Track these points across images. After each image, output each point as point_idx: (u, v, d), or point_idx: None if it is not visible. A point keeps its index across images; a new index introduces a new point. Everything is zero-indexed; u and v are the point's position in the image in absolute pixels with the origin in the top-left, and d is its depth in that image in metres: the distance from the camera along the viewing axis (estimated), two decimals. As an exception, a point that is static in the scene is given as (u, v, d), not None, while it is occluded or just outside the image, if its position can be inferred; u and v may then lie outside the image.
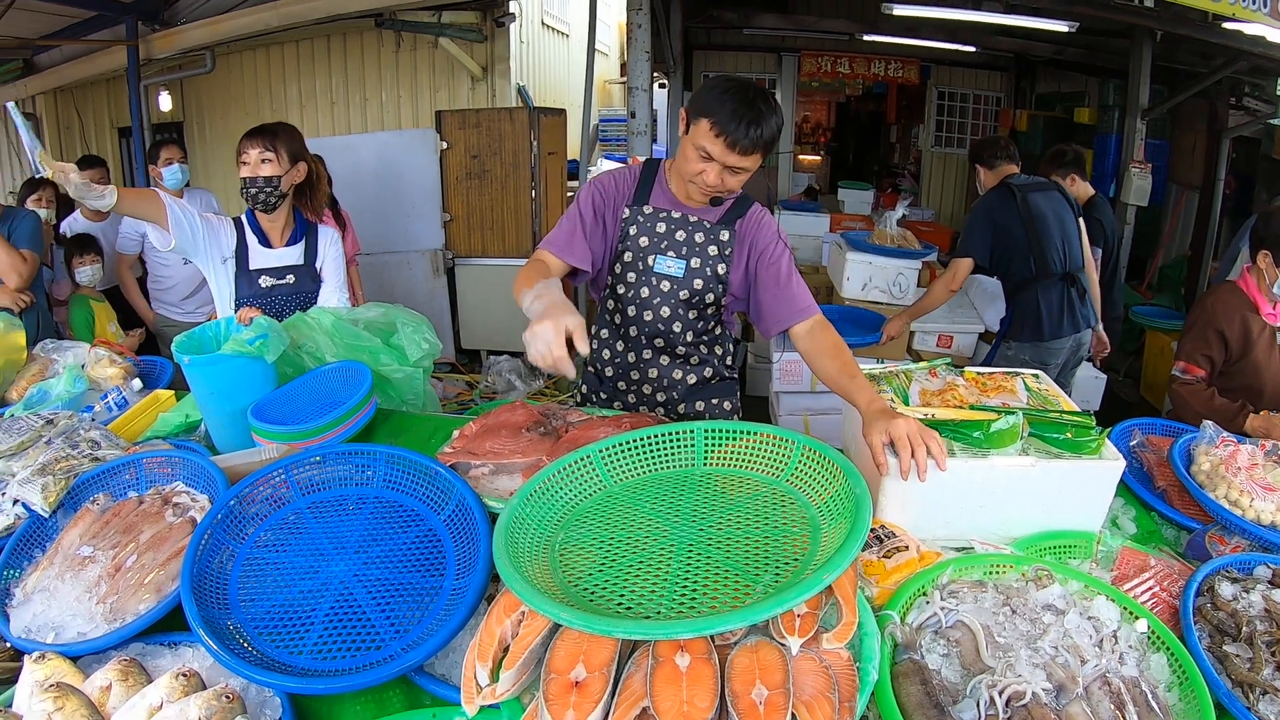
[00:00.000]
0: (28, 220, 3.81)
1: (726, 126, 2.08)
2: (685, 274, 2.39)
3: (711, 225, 2.38)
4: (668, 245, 2.39)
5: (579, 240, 2.36)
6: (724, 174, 2.18)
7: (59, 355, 2.87)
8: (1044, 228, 4.12)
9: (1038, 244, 4.09)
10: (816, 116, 13.05)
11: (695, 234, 2.38)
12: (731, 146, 2.10)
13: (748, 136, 2.08)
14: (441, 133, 6.37)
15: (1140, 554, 1.69)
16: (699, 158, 2.17)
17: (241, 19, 6.29)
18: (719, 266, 2.39)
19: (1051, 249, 4.10)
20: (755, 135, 2.09)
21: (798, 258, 6.71)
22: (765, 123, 2.09)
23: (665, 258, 2.39)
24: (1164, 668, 1.37)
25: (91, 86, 8.03)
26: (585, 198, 2.41)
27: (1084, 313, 4.16)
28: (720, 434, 1.74)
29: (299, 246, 2.85)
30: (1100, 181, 7.87)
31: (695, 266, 2.38)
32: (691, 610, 1.23)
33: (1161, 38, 6.75)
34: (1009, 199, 4.18)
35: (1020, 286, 4.17)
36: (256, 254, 2.74)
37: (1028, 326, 4.15)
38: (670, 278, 2.40)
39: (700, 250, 2.38)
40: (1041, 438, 1.71)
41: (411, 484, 1.80)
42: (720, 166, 2.16)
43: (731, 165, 2.15)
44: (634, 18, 5.48)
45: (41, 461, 1.93)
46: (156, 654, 1.48)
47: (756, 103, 2.09)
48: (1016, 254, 4.13)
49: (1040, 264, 4.08)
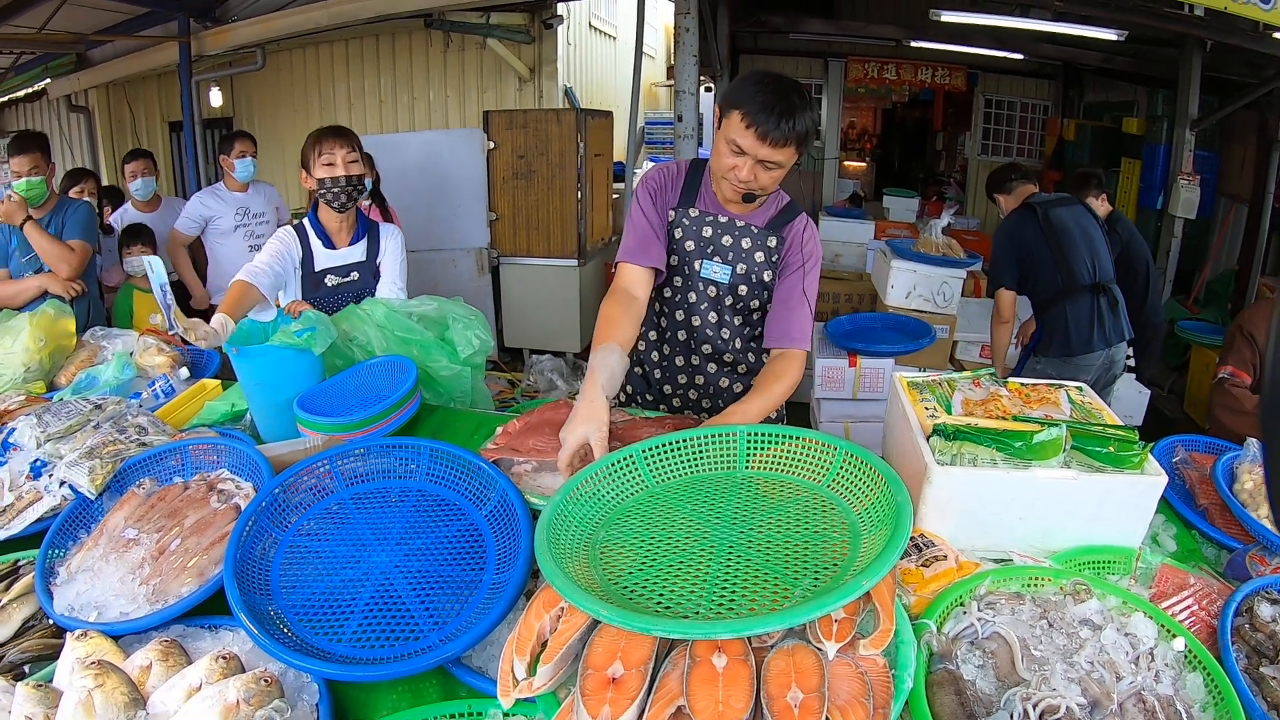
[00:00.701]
0: (80, 210, 3.88)
1: (757, 118, 2.03)
2: (731, 279, 2.36)
3: (759, 230, 2.34)
4: (714, 250, 2.35)
5: (653, 242, 2.34)
6: (756, 168, 2.12)
7: (108, 342, 2.93)
8: (1069, 240, 4.11)
9: (1063, 256, 4.07)
10: (862, 123, 12.99)
11: (742, 239, 2.34)
12: (763, 138, 2.05)
13: (779, 128, 2.03)
14: (489, 133, 6.41)
15: (1180, 572, 1.66)
16: (731, 152, 2.12)
17: (292, 17, 6.38)
18: (765, 273, 2.36)
19: (1078, 260, 4.08)
20: (787, 127, 2.04)
21: (841, 264, 6.74)
22: (799, 115, 2.04)
23: (711, 263, 2.36)
24: (1200, 688, 1.35)
25: (143, 81, 8.17)
26: (644, 196, 2.38)
27: (1117, 326, 4.11)
28: (763, 437, 1.74)
29: (362, 244, 2.90)
30: (1148, 193, 7.77)
31: (741, 273, 2.35)
32: (730, 611, 1.24)
33: (1212, 47, 6.65)
34: (1029, 217, 4.19)
35: (1048, 301, 4.15)
36: (320, 256, 2.78)
37: (1055, 341, 4.12)
38: (716, 283, 2.38)
39: (747, 256, 2.34)
40: (1084, 451, 1.69)
41: (454, 478, 1.82)
42: (752, 161, 2.10)
43: (764, 159, 2.09)
44: (681, 21, 5.49)
45: (89, 445, 1.97)
46: (197, 636, 1.50)
47: (789, 94, 2.04)
48: (1042, 269, 4.12)
49: (1067, 276, 4.06)
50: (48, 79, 8.00)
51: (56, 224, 3.77)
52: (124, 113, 8.37)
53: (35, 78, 8.03)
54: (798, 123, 2.04)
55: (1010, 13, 6.68)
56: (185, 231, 5.06)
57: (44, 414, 2.10)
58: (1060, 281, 4.07)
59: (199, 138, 6.82)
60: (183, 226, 5.05)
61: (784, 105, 2.02)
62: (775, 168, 2.14)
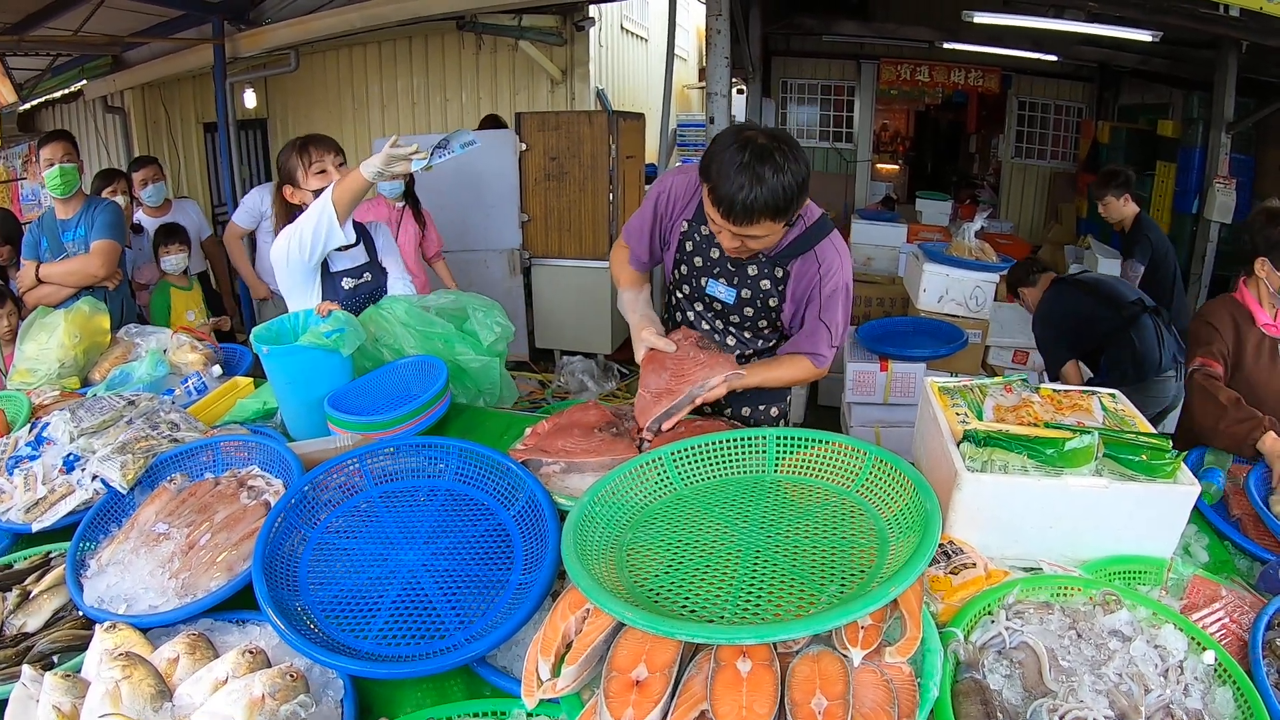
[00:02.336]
0: (108, 210, 3.91)
1: (722, 198, 1.92)
2: (736, 302, 2.35)
3: (767, 259, 2.26)
4: (720, 271, 2.33)
5: (645, 238, 2.40)
6: (739, 238, 2.02)
7: (141, 339, 2.97)
8: (1104, 283, 4.13)
9: (1107, 296, 4.05)
10: (895, 125, 12.88)
11: (749, 266, 2.28)
12: (729, 218, 1.94)
13: (743, 207, 1.90)
14: (521, 134, 6.42)
15: (1211, 583, 1.64)
16: (713, 221, 2.04)
17: (326, 19, 6.41)
18: (770, 299, 2.32)
19: (1123, 289, 4.10)
20: (751, 202, 1.88)
21: (873, 268, 6.70)
22: (765, 186, 1.87)
23: (717, 283, 2.34)
24: (1229, 702, 1.32)
25: (178, 83, 8.24)
26: (654, 196, 2.38)
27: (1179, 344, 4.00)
28: (792, 441, 1.74)
29: (361, 245, 2.91)
30: (1183, 197, 7.65)
31: (746, 297, 2.33)
32: (755, 616, 1.24)
33: (1248, 49, 6.54)
34: (1060, 288, 4.20)
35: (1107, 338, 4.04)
36: (334, 258, 2.79)
37: (1125, 375, 3.97)
38: (721, 301, 2.37)
39: (752, 282, 2.30)
40: (1116, 459, 1.67)
41: (482, 478, 1.83)
42: (731, 233, 2.01)
43: (740, 234, 2.00)
44: (713, 23, 5.48)
45: (121, 440, 2.01)
46: (224, 630, 1.53)
47: (756, 165, 1.88)
48: (1096, 321, 4.05)
49: (1115, 309, 4.01)
50: (84, 80, 8.09)
51: (86, 223, 3.80)
52: (159, 114, 8.44)
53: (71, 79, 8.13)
54: (764, 194, 1.89)
55: (1044, 14, 6.62)
56: (244, 225, 5.14)
57: (78, 409, 2.14)
58: (1117, 316, 3.99)
59: (233, 139, 6.87)
60: (241, 220, 5.13)
61: (747, 177, 1.88)
62: (759, 237, 2.03)
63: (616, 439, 1.96)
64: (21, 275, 3.76)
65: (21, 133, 8.91)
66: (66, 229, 3.81)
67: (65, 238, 3.80)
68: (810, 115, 11.33)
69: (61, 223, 3.82)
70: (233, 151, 6.82)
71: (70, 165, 3.74)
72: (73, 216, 3.82)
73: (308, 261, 2.54)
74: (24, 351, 2.79)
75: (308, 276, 2.63)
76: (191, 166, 8.84)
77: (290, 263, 2.56)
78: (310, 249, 2.51)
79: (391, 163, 2.40)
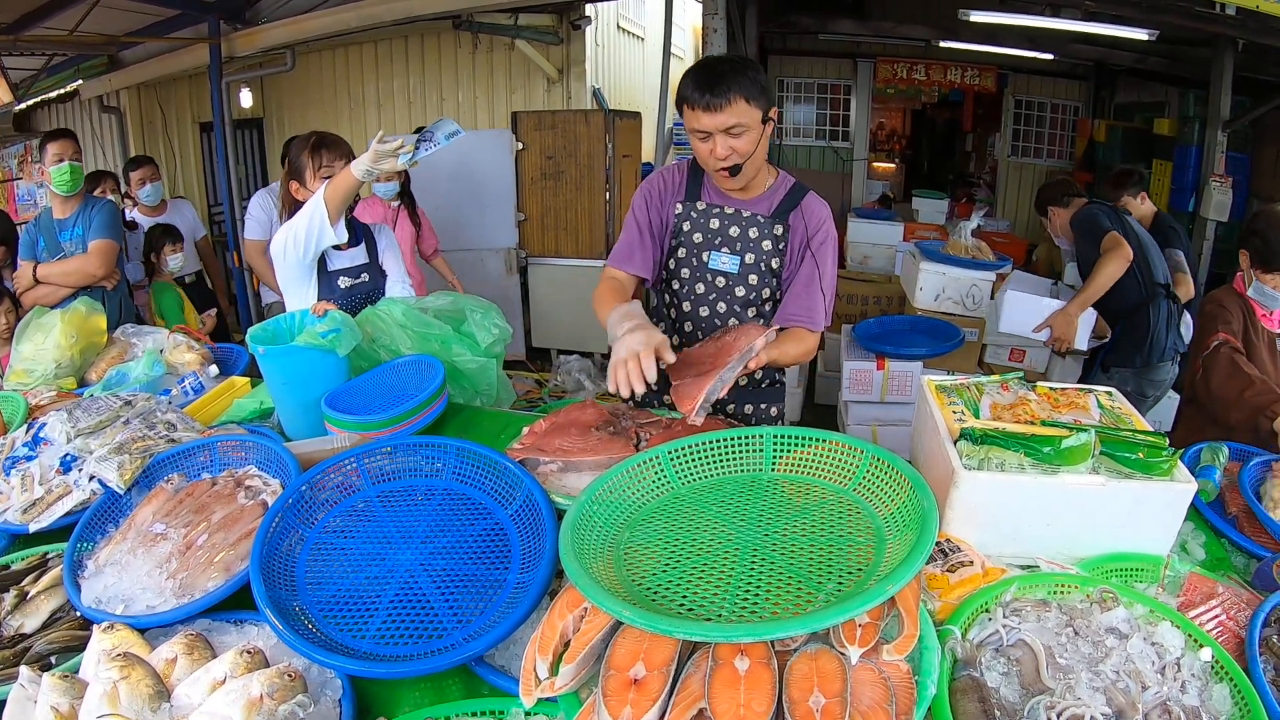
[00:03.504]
0: (105, 209, 3.91)
1: (693, 97, 2.11)
2: (740, 270, 2.39)
3: (765, 219, 2.37)
4: (722, 241, 2.39)
5: (637, 250, 2.41)
6: (723, 140, 2.16)
7: (138, 339, 2.97)
8: (1142, 242, 4.01)
9: (1144, 257, 3.96)
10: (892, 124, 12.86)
11: (749, 229, 2.37)
12: (706, 109, 2.11)
13: (714, 92, 2.09)
14: (517, 133, 6.43)
15: (1208, 580, 1.64)
16: (699, 139, 2.20)
17: (322, 19, 6.40)
18: (773, 261, 2.39)
19: (1155, 260, 4.00)
20: (722, 89, 2.09)
21: (870, 266, 6.70)
22: (729, 75, 2.09)
23: (719, 254, 2.39)
24: (1226, 699, 1.32)
25: (174, 82, 8.22)
26: (638, 203, 2.44)
27: (1183, 332, 3.99)
28: (789, 440, 1.74)
29: (361, 246, 2.90)
30: (1180, 195, 7.66)
31: (750, 262, 2.38)
32: (753, 615, 1.24)
33: (1244, 47, 6.54)
34: (1103, 209, 4.05)
35: (1131, 309, 4.00)
36: (332, 256, 2.79)
37: (1137, 351, 3.97)
38: (725, 274, 2.40)
39: (754, 245, 2.37)
40: (1113, 457, 1.67)
41: (480, 478, 1.83)
42: (716, 134, 2.15)
43: (722, 127, 2.13)
44: (709, 22, 5.48)
45: (119, 440, 2.00)
46: (222, 630, 1.52)
47: (715, 65, 2.14)
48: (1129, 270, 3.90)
49: (1147, 278, 3.96)
50: (79, 80, 8.06)
51: (83, 223, 3.80)
52: (155, 113, 8.42)
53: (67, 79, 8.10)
54: (731, 82, 2.09)
55: (1040, 12, 6.62)
56: (259, 237, 4.72)
57: (75, 409, 2.13)
58: (1142, 286, 3.94)
59: (230, 138, 6.85)
60: (255, 233, 4.77)
61: (711, 75, 2.11)
62: (741, 130, 2.16)
63: (614, 438, 1.96)
64: (19, 275, 3.76)
65: (17, 133, 8.90)
66: (64, 228, 3.80)
67: (63, 237, 3.79)
68: (807, 114, 11.31)
69: (58, 222, 3.81)
70: (229, 151, 6.80)
71: (79, 163, 3.75)
72: (70, 216, 3.82)
73: (302, 259, 2.61)
74: (20, 352, 2.79)
75: (303, 273, 2.68)
76: (188, 166, 8.83)
77: (286, 259, 2.62)
78: (304, 247, 2.57)
79: (380, 159, 2.44)
